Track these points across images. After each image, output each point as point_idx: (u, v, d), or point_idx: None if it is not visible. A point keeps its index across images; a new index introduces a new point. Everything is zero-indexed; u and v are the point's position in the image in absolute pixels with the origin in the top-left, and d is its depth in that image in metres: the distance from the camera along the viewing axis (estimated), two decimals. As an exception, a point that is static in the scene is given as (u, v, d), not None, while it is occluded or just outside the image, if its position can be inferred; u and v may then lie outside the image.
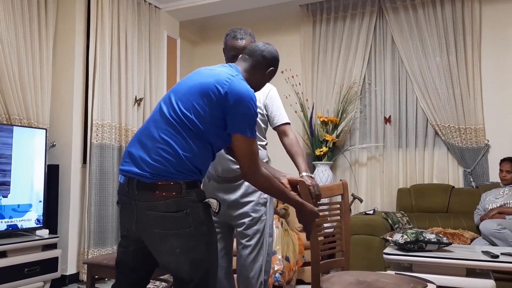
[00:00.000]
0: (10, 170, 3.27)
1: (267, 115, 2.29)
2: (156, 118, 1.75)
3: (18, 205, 3.32)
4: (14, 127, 3.36)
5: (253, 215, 2.16)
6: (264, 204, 2.20)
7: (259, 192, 2.18)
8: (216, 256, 1.79)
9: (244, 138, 1.73)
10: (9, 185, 3.27)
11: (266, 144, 2.33)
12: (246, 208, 2.17)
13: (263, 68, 1.91)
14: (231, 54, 2.17)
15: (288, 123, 2.30)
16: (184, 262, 1.71)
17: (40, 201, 3.48)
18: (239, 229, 2.18)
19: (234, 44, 2.18)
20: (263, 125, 2.29)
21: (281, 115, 2.28)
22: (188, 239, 1.70)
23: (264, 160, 2.27)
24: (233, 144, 1.76)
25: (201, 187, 2.34)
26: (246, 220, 2.16)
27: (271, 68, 1.94)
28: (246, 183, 2.17)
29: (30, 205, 3.40)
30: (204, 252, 1.74)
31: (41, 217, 3.48)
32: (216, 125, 1.73)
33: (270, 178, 1.80)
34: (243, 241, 2.16)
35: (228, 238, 2.28)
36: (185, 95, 1.74)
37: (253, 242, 2.15)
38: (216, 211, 1.76)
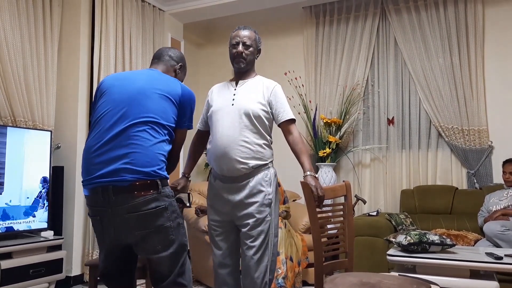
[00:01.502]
0: (10, 171, 3.29)
1: (271, 112, 2.28)
2: (120, 126, 1.82)
3: (22, 207, 3.34)
4: (19, 129, 3.39)
5: (258, 216, 2.16)
6: (269, 205, 2.19)
7: (264, 193, 2.19)
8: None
9: (186, 130, 2.06)
10: (4, 186, 3.29)
11: (271, 143, 2.31)
12: (251, 209, 2.17)
13: (173, 66, 2.13)
14: (234, 42, 2.27)
15: (293, 120, 2.29)
16: (165, 257, 1.82)
17: (45, 203, 3.50)
18: (243, 230, 2.18)
19: (237, 33, 2.29)
20: (267, 123, 2.27)
21: (285, 112, 2.27)
22: (167, 234, 1.81)
23: (269, 161, 2.27)
24: (178, 136, 2.00)
25: (207, 186, 2.37)
26: (250, 221, 2.16)
27: (180, 64, 2.16)
28: (251, 184, 2.18)
29: (34, 207, 3.42)
30: (182, 244, 1.87)
31: (46, 219, 3.49)
32: (173, 123, 1.95)
33: None
34: (247, 242, 2.16)
35: (233, 237, 2.27)
36: (145, 100, 1.87)
37: (257, 242, 2.15)
38: (188, 205, 1.89)
